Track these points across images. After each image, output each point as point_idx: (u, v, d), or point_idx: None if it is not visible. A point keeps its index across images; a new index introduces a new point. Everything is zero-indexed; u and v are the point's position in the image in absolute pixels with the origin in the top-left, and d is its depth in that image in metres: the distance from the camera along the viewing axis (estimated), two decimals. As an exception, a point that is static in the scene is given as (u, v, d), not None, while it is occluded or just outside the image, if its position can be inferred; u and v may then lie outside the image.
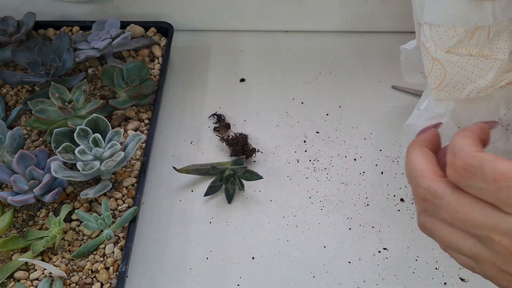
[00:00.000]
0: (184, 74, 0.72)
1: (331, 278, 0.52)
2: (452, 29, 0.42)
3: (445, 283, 0.51)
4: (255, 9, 0.74)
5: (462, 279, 0.51)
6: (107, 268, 0.51)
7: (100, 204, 0.55)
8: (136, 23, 0.72)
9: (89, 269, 0.51)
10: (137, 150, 0.60)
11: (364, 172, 0.60)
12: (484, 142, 0.35)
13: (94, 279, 0.50)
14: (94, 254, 0.52)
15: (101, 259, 0.52)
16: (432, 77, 0.47)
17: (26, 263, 0.51)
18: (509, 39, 0.43)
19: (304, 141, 0.63)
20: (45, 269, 0.51)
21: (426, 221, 0.36)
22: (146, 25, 0.72)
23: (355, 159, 0.61)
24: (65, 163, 0.56)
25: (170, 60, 0.70)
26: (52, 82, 0.60)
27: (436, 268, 0.52)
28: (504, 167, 0.31)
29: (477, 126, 0.35)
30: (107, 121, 0.56)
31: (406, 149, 0.37)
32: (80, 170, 0.52)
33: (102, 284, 0.50)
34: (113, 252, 0.52)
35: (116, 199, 0.56)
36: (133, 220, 0.53)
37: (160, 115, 0.65)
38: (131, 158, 0.59)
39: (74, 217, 0.54)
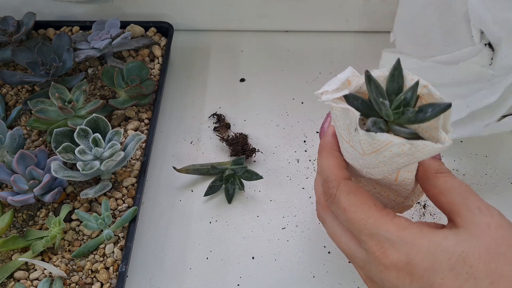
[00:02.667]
0: (184, 74, 0.72)
1: (331, 278, 0.52)
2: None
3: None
4: (255, 9, 0.74)
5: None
6: (107, 268, 0.51)
7: (100, 204, 0.55)
8: (136, 23, 0.72)
9: (89, 269, 0.51)
10: (137, 150, 0.60)
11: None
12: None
13: (94, 279, 0.50)
14: (94, 254, 0.52)
15: (101, 259, 0.52)
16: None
17: (26, 263, 0.51)
18: None
19: (304, 141, 0.63)
20: (45, 269, 0.51)
21: (322, 212, 0.41)
22: (146, 25, 0.72)
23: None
24: (65, 163, 0.56)
25: (170, 60, 0.70)
26: (52, 82, 0.60)
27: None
28: (355, 200, 0.35)
29: (332, 138, 0.39)
30: (107, 121, 0.56)
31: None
32: (80, 170, 0.52)
33: (102, 284, 0.50)
34: (113, 252, 0.52)
35: (116, 199, 0.56)
36: (133, 220, 0.53)
37: (160, 115, 0.65)
38: (131, 158, 0.59)
39: (74, 217, 0.54)
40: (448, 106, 0.31)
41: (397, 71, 0.33)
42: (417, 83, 0.32)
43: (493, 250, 0.31)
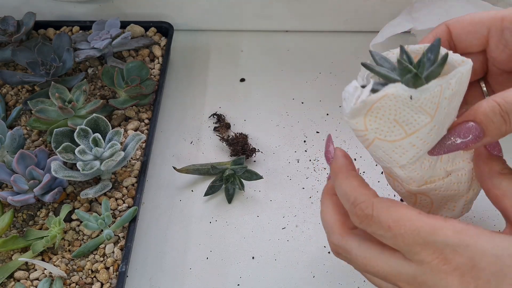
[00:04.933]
0: (184, 74, 0.72)
1: (331, 278, 0.52)
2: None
3: (445, 283, 0.51)
4: (255, 9, 0.74)
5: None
6: (107, 268, 0.51)
7: (100, 204, 0.55)
8: (136, 23, 0.72)
9: (89, 269, 0.51)
10: (137, 150, 0.60)
11: (364, 172, 0.60)
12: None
13: (94, 279, 0.50)
14: (94, 254, 0.52)
15: (101, 259, 0.52)
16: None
17: (26, 263, 0.51)
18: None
19: (304, 141, 0.63)
20: (45, 269, 0.51)
21: (342, 241, 0.37)
22: (146, 25, 0.72)
23: (355, 159, 0.61)
24: (65, 163, 0.56)
25: (170, 60, 0.70)
26: (52, 82, 0.60)
27: (436, 268, 0.52)
28: (397, 213, 0.32)
29: (345, 158, 0.37)
30: (107, 121, 0.56)
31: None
32: (80, 170, 0.52)
33: (102, 284, 0.50)
34: (113, 252, 0.52)
35: (116, 199, 0.56)
36: (133, 220, 0.53)
37: (160, 115, 0.65)
38: (131, 158, 0.59)
39: (74, 217, 0.54)
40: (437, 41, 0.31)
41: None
42: (438, 44, 0.31)
43: None
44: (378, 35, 0.64)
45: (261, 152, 0.62)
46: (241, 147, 0.60)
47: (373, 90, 0.31)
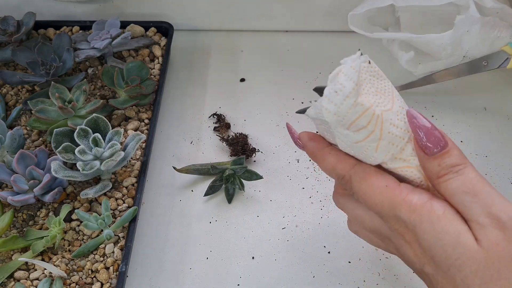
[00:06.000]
0: (184, 74, 0.72)
1: (331, 278, 0.52)
2: None
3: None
4: (255, 9, 0.74)
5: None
6: (107, 268, 0.51)
7: (100, 204, 0.55)
8: (136, 23, 0.72)
9: (89, 269, 0.51)
10: (137, 150, 0.60)
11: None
12: None
13: (94, 279, 0.50)
14: (94, 254, 0.52)
15: (101, 259, 0.52)
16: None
17: (26, 263, 0.51)
18: None
19: (304, 141, 0.63)
20: (45, 269, 0.51)
21: (352, 227, 0.42)
22: (146, 25, 0.72)
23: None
24: (65, 163, 0.56)
25: (170, 60, 0.70)
26: (52, 82, 0.60)
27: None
28: (366, 186, 0.36)
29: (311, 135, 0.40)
30: (107, 121, 0.56)
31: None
32: (80, 170, 0.52)
33: (102, 284, 0.50)
34: (113, 252, 0.52)
35: (116, 199, 0.56)
36: (133, 220, 0.53)
37: (160, 115, 0.65)
38: (131, 158, 0.59)
39: (74, 217, 0.54)
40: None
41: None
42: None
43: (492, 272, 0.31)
44: (359, 6, 0.65)
45: (261, 152, 0.62)
46: (241, 147, 0.60)
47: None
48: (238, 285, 0.52)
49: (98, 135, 0.54)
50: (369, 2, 0.66)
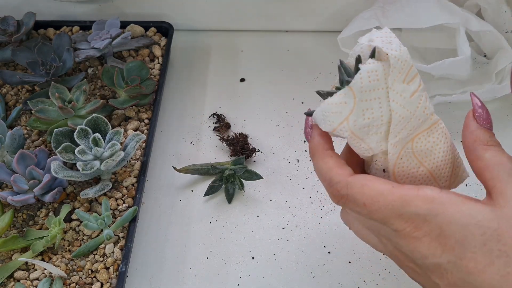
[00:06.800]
0: (184, 74, 0.72)
1: (331, 278, 0.52)
2: None
3: (445, 283, 0.51)
4: (255, 9, 0.74)
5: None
6: (107, 268, 0.51)
7: (100, 204, 0.55)
8: (136, 23, 0.72)
9: (89, 269, 0.51)
10: (137, 150, 0.60)
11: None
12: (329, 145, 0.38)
13: (94, 279, 0.50)
14: (94, 254, 0.52)
15: (101, 259, 0.52)
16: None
17: (26, 263, 0.51)
18: None
19: (304, 141, 0.63)
20: (45, 269, 0.51)
21: (344, 215, 0.41)
22: (146, 25, 0.72)
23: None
24: (65, 163, 0.56)
25: (170, 60, 0.70)
26: (52, 82, 0.60)
27: (436, 268, 0.52)
28: (370, 191, 0.34)
29: (320, 137, 0.38)
30: (107, 121, 0.56)
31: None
32: (80, 170, 0.52)
33: (102, 284, 0.50)
34: (113, 252, 0.52)
35: (116, 199, 0.56)
36: (133, 220, 0.53)
37: (160, 115, 0.65)
38: (131, 158, 0.59)
39: (74, 217, 0.54)
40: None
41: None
42: (357, 59, 0.35)
43: None
44: (347, 29, 0.66)
45: (261, 152, 0.62)
46: (241, 147, 0.60)
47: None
48: (238, 285, 0.52)
49: (98, 135, 0.54)
50: (355, 24, 0.66)
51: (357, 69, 0.34)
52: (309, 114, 0.38)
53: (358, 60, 0.35)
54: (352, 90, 0.34)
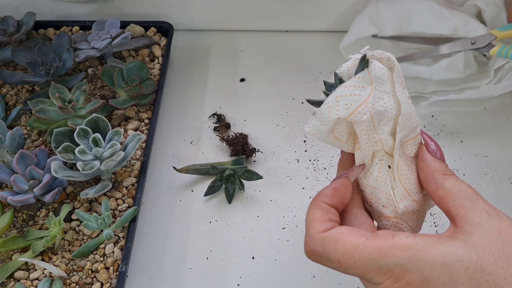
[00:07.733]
0: (184, 74, 0.72)
1: (331, 278, 0.52)
2: None
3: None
4: (255, 9, 0.74)
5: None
6: (107, 268, 0.51)
7: (100, 204, 0.55)
8: (136, 23, 0.72)
9: (89, 269, 0.51)
10: (137, 150, 0.60)
11: (364, 172, 0.60)
12: (342, 199, 0.37)
13: (94, 279, 0.50)
14: (94, 254, 0.52)
15: (101, 259, 0.52)
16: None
17: (26, 263, 0.51)
18: None
19: (304, 141, 0.63)
20: (45, 269, 0.51)
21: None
22: (146, 25, 0.72)
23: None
24: (65, 163, 0.56)
25: (170, 60, 0.70)
26: (52, 82, 0.60)
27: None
28: (344, 247, 0.33)
29: (331, 188, 0.37)
30: (107, 121, 0.56)
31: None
32: (80, 170, 0.52)
33: (102, 284, 0.50)
34: (113, 252, 0.52)
35: (116, 199, 0.56)
36: (133, 220, 0.53)
37: (160, 115, 0.65)
38: (131, 158, 0.59)
39: (74, 217, 0.54)
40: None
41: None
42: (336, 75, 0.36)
43: (508, 255, 0.31)
44: (346, 37, 0.68)
45: (261, 152, 0.62)
46: (241, 147, 0.60)
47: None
48: (238, 285, 0.52)
49: (98, 135, 0.54)
50: (353, 31, 0.67)
51: (363, 67, 0.35)
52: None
53: (364, 58, 0.35)
54: (370, 74, 0.34)
